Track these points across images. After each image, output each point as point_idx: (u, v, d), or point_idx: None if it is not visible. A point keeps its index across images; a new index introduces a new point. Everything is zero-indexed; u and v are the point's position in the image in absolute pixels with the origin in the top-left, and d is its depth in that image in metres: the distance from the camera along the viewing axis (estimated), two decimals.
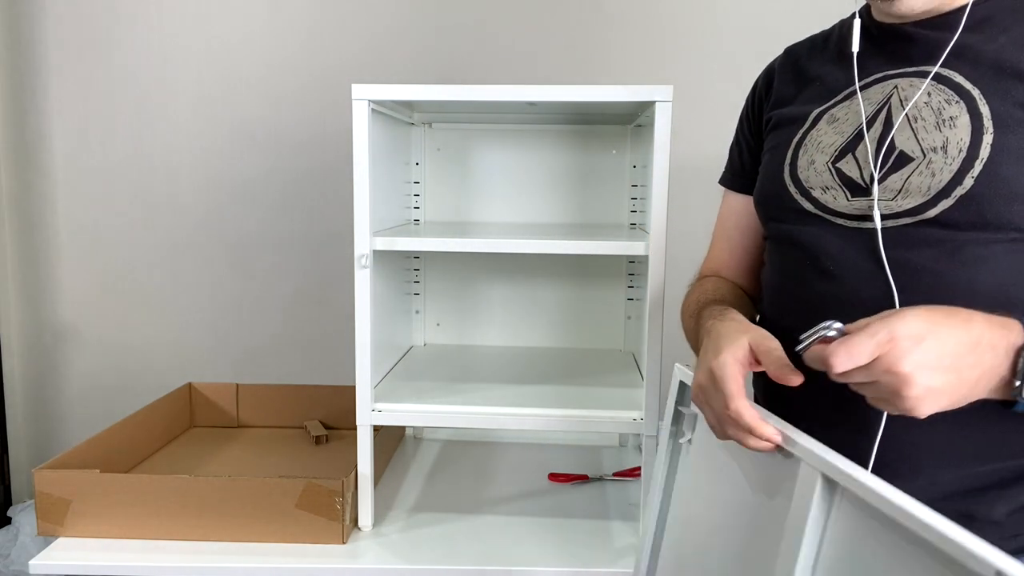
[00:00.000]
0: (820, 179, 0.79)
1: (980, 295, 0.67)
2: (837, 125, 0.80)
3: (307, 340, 1.94)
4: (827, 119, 0.81)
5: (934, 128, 0.72)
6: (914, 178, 0.71)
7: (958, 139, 0.70)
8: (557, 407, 1.14)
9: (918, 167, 0.71)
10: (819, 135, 0.81)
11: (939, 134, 0.71)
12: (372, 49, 1.83)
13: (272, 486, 1.10)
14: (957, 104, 0.71)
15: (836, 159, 0.78)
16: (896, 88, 0.76)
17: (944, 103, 0.72)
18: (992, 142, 0.68)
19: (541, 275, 1.54)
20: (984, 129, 0.69)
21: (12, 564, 1.80)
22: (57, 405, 1.99)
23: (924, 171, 0.71)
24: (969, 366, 0.57)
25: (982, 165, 0.68)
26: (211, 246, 1.92)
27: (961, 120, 0.70)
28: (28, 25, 1.86)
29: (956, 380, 0.57)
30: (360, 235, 1.11)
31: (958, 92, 0.72)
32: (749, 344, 0.70)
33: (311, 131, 1.86)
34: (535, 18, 1.80)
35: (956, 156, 0.69)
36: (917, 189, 0.71)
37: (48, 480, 1.11)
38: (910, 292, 0.70)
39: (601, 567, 1.09)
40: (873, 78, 0.79)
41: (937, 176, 0.70)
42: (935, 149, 0.71)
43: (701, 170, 1.83)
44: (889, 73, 0.78)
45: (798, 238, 0.81)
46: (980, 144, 0.69)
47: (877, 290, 0.71)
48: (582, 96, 1.09)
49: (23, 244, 1.94)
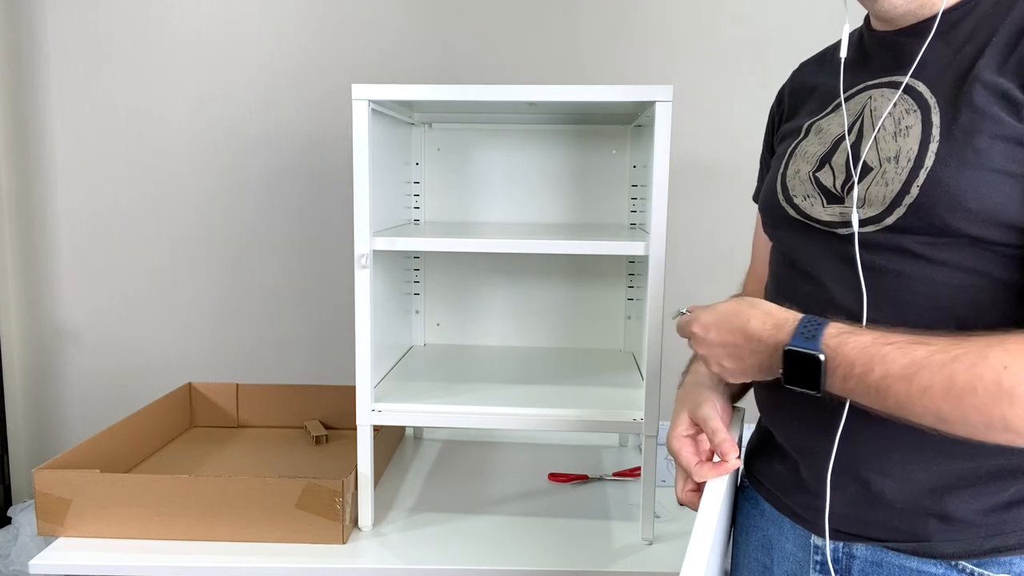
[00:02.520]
0: (803, 187, 0.82)
1: (943, 297, 0.69)
2: (821, 135, 0.83)
3: (307, 340, 1.94)
4: (815, 130, 0.84)
5: (891, 138, 0.73)
6: (872, 188, 0.73)
7: (908, 148, 0.71)
8: (557, 407, 1.14)
9: (875, 177, 0.73)
10: (806, 145, 0.84)
11: (895, 144, 0.73)
12: (372, 49, 1.83)
13: (272, 486, 1.10)
14: (914, 114, 0.72)
15: (817, 168, 0.81)
16: (870, 98, 0.78)
17: (904, 113, 0.73)
18: (936, 150, 0.69)
19: (541, 275, 1.55)
20: (931, 138, 0.70)
21: (12, 564, 1.80)
22: (57, 405, 2.00)
23: (879, 181, 0.73)
24: (746, 354, 0.73)
25: (926, 174, 0.69)
26: (211, 246, 1.92)
27: (914, 130, 0.71)
28: (28, 25, 1.86)
29: (733, 355, 0.75)
30: (360, 235, 1.11)
31: (918, 102, 0.73)
32: (689, 417, 0.84)
33: (311, 131, 1.87)
34: (535, 18, 1.80)
35: (905, 166, 0.71)
36: (875, 199, 0.73)
37: (48, 480, 1.11)
38: (878, 293, 0.72)
39: (601, 567, 1.09)
40: (856, 88, 0.81)
41: (890, 186, 0.72)
42: (889, 159, 0.73)
43: (701, 170, 1.83)
44: (869, 83, 0.80)
45: (786, 244, 0.84)
46: (926, 153, 0.70)
47: (850, 291, 0.74)
48: (582, 96, 1.09)
49: (23, 244, 1.94)
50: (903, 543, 0.73)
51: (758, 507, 0.88)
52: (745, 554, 0.90)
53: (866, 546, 0.75)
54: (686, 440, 0.83)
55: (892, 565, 0.73)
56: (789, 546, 0.82)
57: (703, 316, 0.77)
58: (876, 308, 0.72)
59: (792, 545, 0.82)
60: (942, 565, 0.71)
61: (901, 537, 0.73)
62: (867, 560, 0.75)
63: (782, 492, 0.83)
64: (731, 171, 1.80)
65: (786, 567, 0.82)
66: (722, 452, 0.78)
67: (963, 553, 0.70)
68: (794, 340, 0.68)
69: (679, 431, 0.84)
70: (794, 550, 0.81)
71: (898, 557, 0.73)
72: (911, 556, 0.72)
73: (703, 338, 0.76)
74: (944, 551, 0.71)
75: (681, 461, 0.82)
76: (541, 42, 1.81)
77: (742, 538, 0.91)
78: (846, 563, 0.76)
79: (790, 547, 0.82)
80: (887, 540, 0.73)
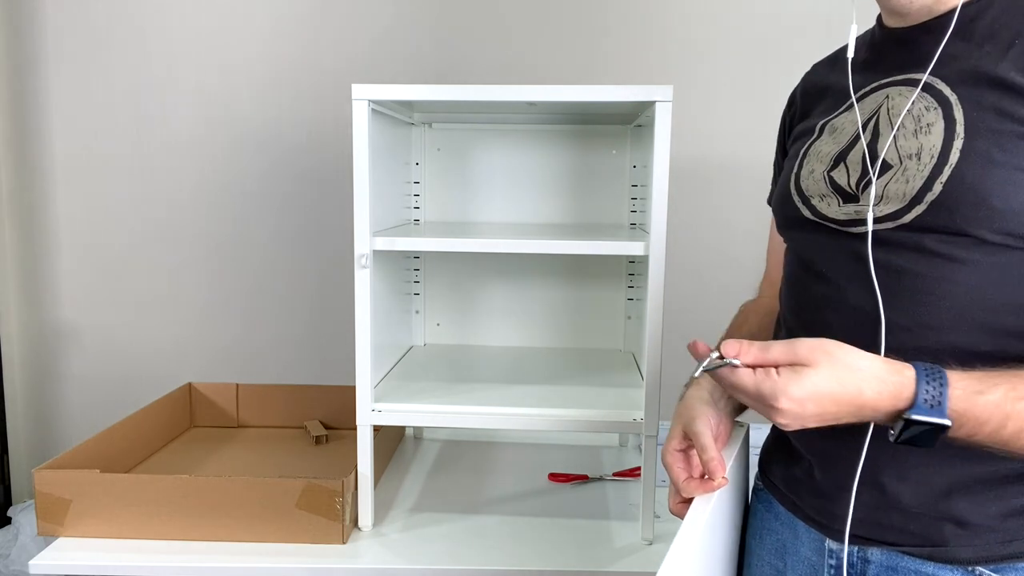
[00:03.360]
0: (818, 187, 0.81)
1: (959, 296, 0.68)
2: (835, 135, 0.82)
3: (307, 340, 1.94)
4: (828, 129, 0.83)
5: (912, 135, 0.73)
6: (892, 185, 0.73)
7: (931, 145, 0.71)
8: (557, 407, 1.14)
9: (895, 174, 0.73)
10: (820, 145, 0.83)
11: (915, 141, 0.72)
12: (372, 49, 1.83)
13: (272, 486, 1.10)
14: (935, 111, 0.72)
15: (831, 167, 0.80)
16: (887, 97, 0.77)
17: (924, 110, 0.73)
18: (961, 147, 0.69)
19: (541, 275, 1.54)
20: (956, 135, 0.69)
21: (12, 564, 1.80)
22: (57, 405, 2.00)
23: (900, 178, 0.72)
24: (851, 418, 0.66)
25: (950, 171, 0.68)
26: (211, 246, 1.92)
27: (936, 127, 0.71)
28: (28, 25, 1.86)
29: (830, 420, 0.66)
30: (360, 235, 1.11)
31: (938, 99, 0.72)
32: (683, 432, 0.83)
33: (311, 131, 1.87)
34: (535, 18, 1.80)
35: (928, 162, 0.70)
36: (895, 195, 0.72)
37: (48, 480, 1.11)
38: (894, 292, 0.71)
39: (601, 567, 1.09)
40: (871, 87, 0.80)
41: (911, 183, 0.71)
42: (911, 156, 0.72)
43: (701, 170, 1.83)
44: (884, 81, 0.79)
45: (800, 244, 0.84)
46: (950, 150, 0.69)
47: (865, 291, 0.73)
48: (582, 96, 1.09)
49: (23, 244, 1.94)
50: (918, 547, 0.72)
51: (772, 510, 0.87)
52: (759, 558, 0.88)
53: (881, 550, 0.74)
54: (678, 455, 0.83)
55: (907, 570, 0.72)
56: (804, 550, 0.81)
57: (794, 390, 0.64)
58: (891, 307, 0.71)
59: (807, 549, 0.81)
60: (958, 570, 0.70)
61: (916, 542, 0.72)
62: (882, 565, 0.74)
63: (796, 496, 0.83)
64: (731, 171, 1.80)
65: (800, 571, 0.81)
66: (710, 471, 0.78)
67: (979, 558, 0.69)
68: (917, 409, 0.63)
69: (672, 445, 0.84)
70: (808, 554, 0.80)
71: (913, 562, 0.72)
72: (926, 561, 0.71)
73: (797, 413, 0.65)
74: (960, 556, 0.70)
75: (671, 476, 0.83)
76: (541, 42, 1.81)
77: (755, 542, 0.90)
78: (861, 568, 0.75)
79: (804, 551, 0.81)
80: (902, 544, 0.73)
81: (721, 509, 0.80)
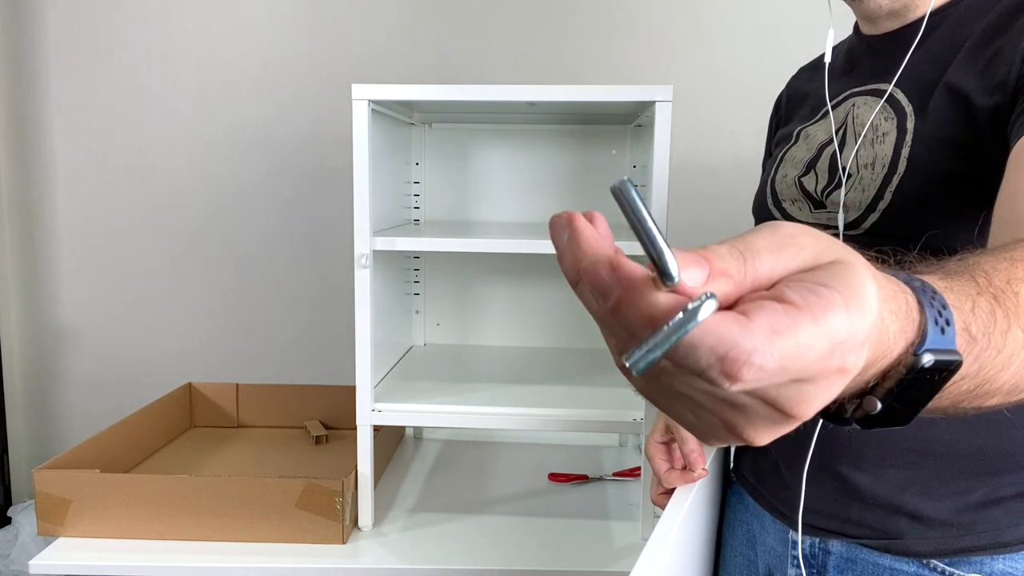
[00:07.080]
0: (790, 192, 0.83)
1: None
2: (808, 141, 0.84)
3: (307, 340, 1.94)
4: (803, 136, 0.85)
5: (870, 145, 0.74)
6: (851, 193, 0.74)
7: (883, 155, 0.72)
8: (557, 407, 1.14)
9: (854, 183, 0.74)
10: (795, 151, 0.85)
11: (872, 150, 0.73)
12: (372, 49, 1.83)
13: (272, 486, 1.10)
14: (891, 121, 0.73)
15: (803, 173, 0.82)
16: (854, 106, 0.79)
17: (882, 120, 0.74)
18: (908, 155, 0.69)
19: (541, 275, 1.54)
20: (904, 143, 0.70)
21: (12, 564, 1.80)
22: (57, 405, 1.99)
23: (857, 186, 0.74)
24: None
25: (899, 179, 0.70)
26: (211, 246, 1.92)
27: (890, 136, 0.72)
28: (28, 26, 1.86)
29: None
30: (360, 235, 1.11)
31: (895, 109, 0.73)
32: (665, 424, 0.86)
33: (311, 131, 1.87)
34: (535, 18, 1.80)
35: (880, 171, 0.71)
36: (852, 204, 0.74)
37: (48, 480, 1.11)
38: None
39: (601, 567, 1.09)
40: (844, 95, 0.81)
41: (866, 191, 0.72)
42: (867, 166, 0.73)
43: (701, 170, 1.83)
44: (855, 90, 0.80)
45: None
46: (899, 159, 0.70)
47: None
48: (582, 96, 1.09)
49: (23, 244, 1.94)
50: (876, 540, 0.73)
51: (743, 502, 0.89)
52: (732, 548, 0.91)
53: (841, 542, 0.76)
54: (660, 447, 0.86)
55: (866, 562, 0.74)
56: (770, 541, 0.83)
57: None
58: None
59: (773, 540, 0.83)
60: (914, 563, 0.71)
61: (874, 535, 0.73)
62: (842, 556, 0.75)
63: (764, 488, 0.85)
64: (731, 171, 1.80)
65: (767, 561, 0.83)
66: (689, 463, 0.81)
67: (935, 552, 0.70)
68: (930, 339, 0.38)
69: (655, 437, 0.87)
70: (774, 545, 0.82)
71: (871, 554, 0.73)
72: (884, 553, 0.73)
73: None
74: (916, 549, 0.71)
75: (653, 467, 0.85)
76: (541, 42, 1.81)
77: (729, 532, 0.92)
78: (822, 559, 0.77)
79: (771, 542, 0.83)
80: (861, 537, 0.74)
81: (701, 499, 0.81)
